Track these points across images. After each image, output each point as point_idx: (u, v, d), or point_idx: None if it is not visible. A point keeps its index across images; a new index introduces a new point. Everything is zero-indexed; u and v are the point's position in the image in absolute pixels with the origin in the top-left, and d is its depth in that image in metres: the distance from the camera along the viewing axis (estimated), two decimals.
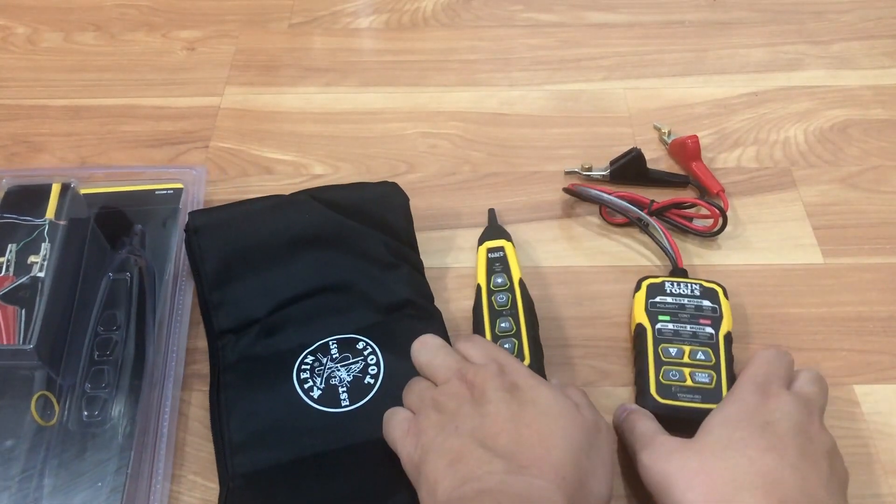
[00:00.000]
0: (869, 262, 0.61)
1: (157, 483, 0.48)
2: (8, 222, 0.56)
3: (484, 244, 0.59)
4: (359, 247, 0.57)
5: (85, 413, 0.50)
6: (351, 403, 0.50)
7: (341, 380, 0.51)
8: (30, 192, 0.58)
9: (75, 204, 0.58)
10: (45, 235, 0.55)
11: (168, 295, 0.56)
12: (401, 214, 0.59)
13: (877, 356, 0.55)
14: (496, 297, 0.55)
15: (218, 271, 0.55)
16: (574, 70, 0.77)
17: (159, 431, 0.50)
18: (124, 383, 0.51)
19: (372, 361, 0.52)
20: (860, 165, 0.68)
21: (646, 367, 0.51)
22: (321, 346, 0.53)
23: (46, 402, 0.50)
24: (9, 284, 0.52)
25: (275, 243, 0.56)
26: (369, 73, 0.77)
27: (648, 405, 0.50)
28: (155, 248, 0.59)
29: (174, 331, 0.54)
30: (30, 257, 0.54)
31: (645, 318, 0.54)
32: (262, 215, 0.58)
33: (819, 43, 0.79)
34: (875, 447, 0.51)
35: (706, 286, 0.55)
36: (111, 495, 0.47)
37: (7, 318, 0.50)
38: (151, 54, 0.79)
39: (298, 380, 0.52)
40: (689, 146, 0.66)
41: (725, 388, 0.50)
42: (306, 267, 0.56)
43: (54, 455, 0.48)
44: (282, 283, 0.55)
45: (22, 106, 0.74)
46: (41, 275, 0.53)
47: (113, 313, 0.54)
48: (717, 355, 0.51)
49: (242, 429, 0.50)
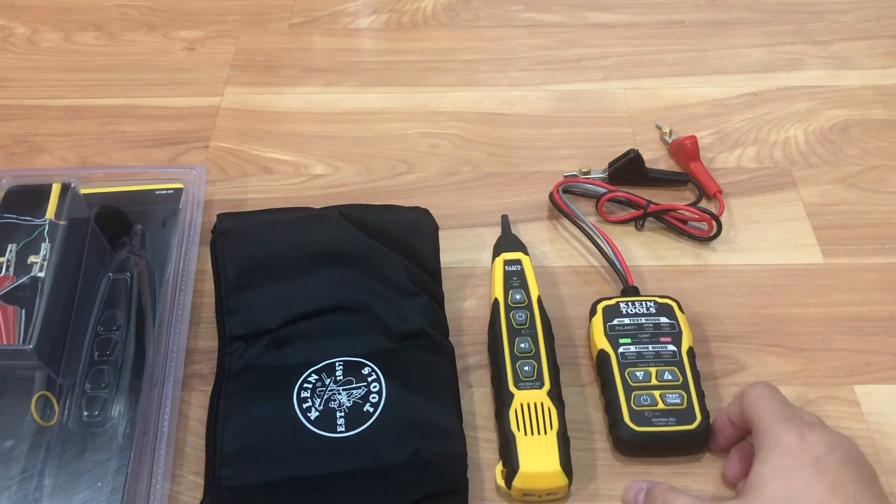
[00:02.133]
0: (869, 262, 0.61)
1: (157, 483, 0.48)
2: (8, 222, 0.56)
3: (501, 256, 0.57)
4: (380, 270, 0.55)
5: (85, 413, 0.50)
6: (346, 430, 0.49)
7: (340, 404, 0.50)
8: (30, 192, 0.58)
9: (75, 204, 0.58)
10: (46, 235, 0.55)
11: (168, 295, 0.56)
12: (428, 242, 0.58)
13: (877, 356, 0.55)
14: (514, 315, 0.53)
15: (237, 277, 0.55)
16: (574, 70, 0.77)
17: (159, 431, 0.50)
18: (124, 383, 0.51)
19: (375, 389, 0.51)
20: (860, 165, 0.68)
21: (616, 396, 0.50)
22: (327, 366, 0.52)
23: (46, 403, 0.50)
24: (9, 284, 0.52)
25: (297, 256, 0.56)
26: (369, 73, 0.77)
27: (624, 435, 0.49)
28: (155, 247, 0.59)
29: (174, 331, 0.54)
30: (30, 257, 0.53)
31: (606, 344, 0.52)
32: (288, 226, 0.57)
33: (819, 43, 0.79)
34: (875, 447, 0.51)
35: (660, 302, 0.54)
36: (111, 495, 0.47)
37: (7, 319, 0.50)
38: (151, 54, 0.79)
39: (298, 398, 0.51)
40: (687, 147, 0.66)
41: (697, 407, 0.49)
42: (325, 283, 0.55)
43: (54, 455, 0.48)
44: (299, 296, 0.54)
45: (22, 106, 0.74)
46: (41, 275, 0.52)
47: (113, 313, 0.54)
48: (684, 373, 0.51)
49: (235, 441, 0.49)
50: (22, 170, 0.66)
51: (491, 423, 0.52)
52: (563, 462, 0.47)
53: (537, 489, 0.47)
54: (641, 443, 0.49)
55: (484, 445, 0.51)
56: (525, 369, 0.51)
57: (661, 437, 0.49)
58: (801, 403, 0.53)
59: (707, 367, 0.54)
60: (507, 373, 0.51)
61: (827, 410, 0.52)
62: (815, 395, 0.53)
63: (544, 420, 0.48)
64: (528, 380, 0.50)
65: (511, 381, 0.50)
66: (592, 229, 0.61)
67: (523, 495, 0.48)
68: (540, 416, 0.49)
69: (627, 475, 0.50)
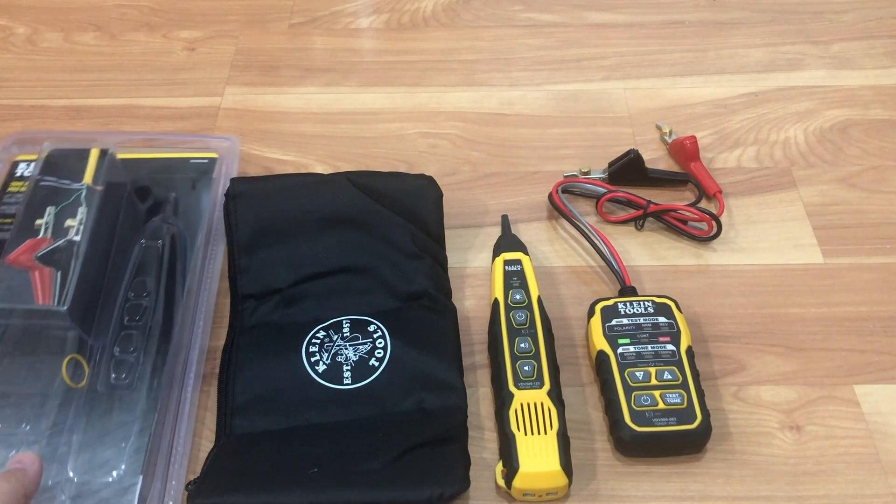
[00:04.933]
0: (869, 262, 0.61)
1: (179, 445, 0.49)
2: (48, 185, 0.57)
3: (501, 256, 0.57)
4: (386, 233, 0.58)
5: (113, 375, 0.51)
6: (353, 382, 0.52)
7: (347, 358, 0.53)
8: (69, 157, 0.59)
9: (113, 169, 0.59)
10: (83, 200, 0.56)
11: (198, 262, 0.58)
12: (432, 208, 0.61)
13: (877, 356, 0.55)
14: (514, 315, 0.54)
15: (249, 238, 0.58)
16: (574, 70, 0.77)
17: (183, 396, 0.51)
18: (151, 348, 0.53)
19: (380, 345, 0.53)
20: (860, 165, 0.68)
21: (616, 396, 0.50)
22: (334, 323, 0.55)
23: (77, 365, 0.52)
24: (46, 246, 0.53)
25: (306, 219, 0.58)
26: (369, 73, 0.77)
27: (625, 435, 0.49)
28: (187, 215, 0.61)
29: (202, 299, 0.56)
30: (67, 220, 0.55)
31: (605, 344, 0.52)
32: (298, 191, 0.59)
33: (819, 43, 0.79)
34: (875, 447, 0.51)
35: (658, 302, 0.54)
36: (135, 455, 0.48)
37: (44, 280, 0.52)
38: (151, 54, 0.79)
39: (307, 352, 0.53)
40: (687, 147, 0.66)
41: (698, 407, 0.49)
42: (333, 246, 0.57)
43: (82, 413, 0.50)
44: (308, 257, 0.57)
45: (22, 106, 0.74)
46: (77, 238, 0.54)
47: (143, 280, 0.56)
48: (683, 372, 0.51)
49: (245, 391, 0.52)
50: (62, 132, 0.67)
51: (491, 423, 0.52)
52: (563, 462, 0.47)
53: (537, 489, 0.47)
54: (643, 443, 0.49)
55: (484, 445, 0.51)
56: (525, 369, 0.51)
57: (662, 436, 0.49)
58: (802, 403, 0.53)
59: (707, 367, 0.54)
60: (507, 373, 0.51)
61: (827, 410, 0.52)
62: (815, 395, 0.53)
63: (544, 420, 0.48)
64: (528, 380, 0.50)
65: (511, 381, 0.50)
66: (590, 230, 0.61)
67: (523, 495, 0.48)
68: (540, 416, 0.49)
69: (627, 475, 0.50)
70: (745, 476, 0.50)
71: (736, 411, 0.52)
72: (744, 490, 0.49)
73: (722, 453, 0.50)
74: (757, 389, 0.54)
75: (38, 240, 0.54)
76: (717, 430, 0.51)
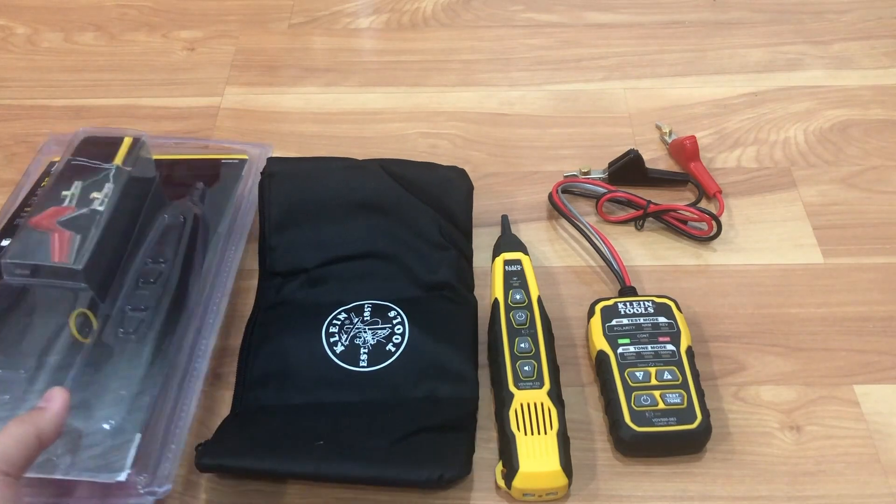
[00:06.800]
0: (869, 262, 0.61)
1: (182, 412, 0.49)
2: (78, 164, 0.58)
3: (500, 255, 0.58)
4: (414, 223, 0.59)
5: (120, 330, 0.51)
6: (368, 365, 0.53)
7: (365, 341, 0.54)
8: (103, 142, 0.60)
9: (143, 160, 0.60)
10: (111, 178, 0.57)
11: (220, 248, 0.58)
12: (462, 200, 0.61)
13: (877, 356, 0.55)
14: (514, 315, 0.54)
15: (281, 217, 0.59)
16: (574, 70, 0.77)
17: (192, 366, 0.51)
18: (162, 309, 0.53)
19: (398, 331, 0.54)
20: (860, 165, 0.68)
21: (615, 396, 0.50)
22: (356, 306, 0.56)
23: (85, 320, 0.52)
24: (69, 213, 0.54)
25: (337, 202, 0.59)
26: (369, 73, 0.77)
27: (626, 435, 0.49)
28: (213, 206, 0.61)
29: (220, 280, 0.56)
30: (92, 193, 0.55)
31: (605, 344, 0.52)
32: (332, 174, 0.61)
33: (819, 43, 0.79)
34: (875, 447, 0.51)
35: (658, 302, 0.55)
36: (136, 413, 0.48)
37: (63, 241, 0.53)
38: (151, 54, 0.79)
39: (327, 333, 0.54)
40: (687, 147, 0.66)
41: (698, 407, 0.49)
42: (361, 230, 0.59)
43: (86, 364, 0.50)
44: (336, 240, 0.58)
45: (22, 106, 0.74)
46: (100, 209, 0.54)
47: (162, 248, 0.56)
48: (683, 372, 0.51)
49: (263, 366, 0.53)
50: (97, 129, 0.66)
51: (491, 423, 0.52)
52: (563, 462, 0.47)
53: (537, 489, 0.47)
54: (643, 443, 0.49)
55: (484, 445, 0.51)
56: (525, 369, 0.51)
57: (662, 437, 0.49)
58: (802, 403, 0.53)
59: (707, 367, 0.54)
60: (507, 373, 0.51)
61: (827, 410, 0.52)
62: (815, 395, 0.53)
63: (544, 420, 0.48)
64: (528, 380, 0.50)
65: (511, 381, 0.50)
66: (590, 229, 0.61)
67: (523, 495, 0.48)
68: (540, 416, 0.49)
69: (627, 475, 0.50)
70: (745, 476, 0.50)
71: (736, 411, 0.52)
72: (744, 490, 0.49)
73: (722, 453, 0.50)
74: (757, 389, 0.54)
75: (61, 207, 0.54)
76: (716, 431, 0.51)
